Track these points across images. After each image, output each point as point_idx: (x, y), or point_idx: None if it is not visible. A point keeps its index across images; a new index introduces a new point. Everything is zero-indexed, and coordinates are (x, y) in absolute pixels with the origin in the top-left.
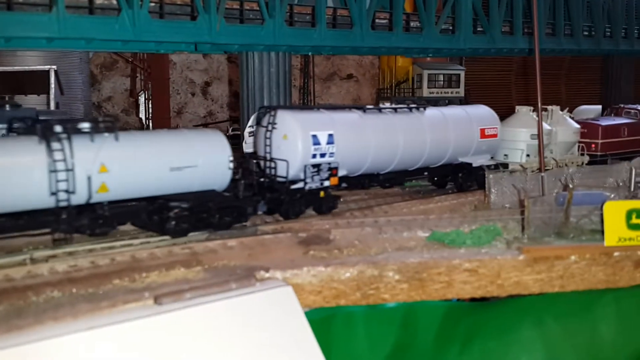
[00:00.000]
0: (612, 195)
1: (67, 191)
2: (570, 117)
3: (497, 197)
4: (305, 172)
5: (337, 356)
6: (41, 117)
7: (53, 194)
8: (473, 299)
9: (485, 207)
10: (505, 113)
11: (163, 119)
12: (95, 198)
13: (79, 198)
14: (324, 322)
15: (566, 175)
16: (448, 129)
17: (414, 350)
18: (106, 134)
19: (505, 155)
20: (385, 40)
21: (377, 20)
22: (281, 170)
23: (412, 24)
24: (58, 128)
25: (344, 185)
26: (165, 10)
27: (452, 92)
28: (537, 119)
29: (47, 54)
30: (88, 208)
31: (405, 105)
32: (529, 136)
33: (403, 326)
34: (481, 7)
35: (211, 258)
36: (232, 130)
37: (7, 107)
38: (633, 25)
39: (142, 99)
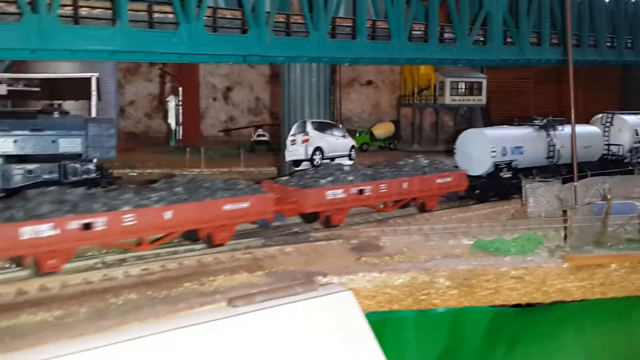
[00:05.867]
0: None
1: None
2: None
3: (534, 206)
4: None
5: (388, 359)
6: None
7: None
8: (517, 305)
9: (522, 216)
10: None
11: (193, 124)
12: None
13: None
14: (377, 326)
15: (599, 185)
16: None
17: (461, 354)
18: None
19: None
20: (420, 52)
21: (413, 32)
22: None
23: (445, 35)
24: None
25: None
26: (218, 24)
27: (473, 100)
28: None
29: (81, 61)
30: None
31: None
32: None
33: (451, 331)
34: (511, 19)
35: (271, 263)
36: (257, 136)
37: (56, 114)
38: None
39: (171, 104)
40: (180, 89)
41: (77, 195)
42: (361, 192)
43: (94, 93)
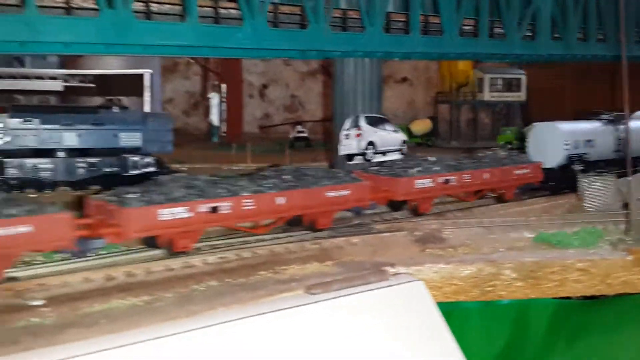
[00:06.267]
0: None
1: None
2: None
3: (590, 200)
4: None
5: None
6: None
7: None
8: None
9: (578, 210)
10: (560, 117)
11: (236, 120)
12: None
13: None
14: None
15: None
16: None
17: (525, 346)
18: None
19: None
20: (471, 47)
21: (463, 27)
22: None
23: (495, 30)
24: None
25: None
26: (280, 19)
27: (513, 96)
28: None
29: (128, 57)
30: None
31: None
32: None
33: (515, 323)
34: (559, 14)
35: (339, 253)
36: (297, 132)
37: (116, 109)
38: None
39: (214, 101)
40: (224, 85)
41: (203, 182)
42: (447, 181)
43: (146, 89)
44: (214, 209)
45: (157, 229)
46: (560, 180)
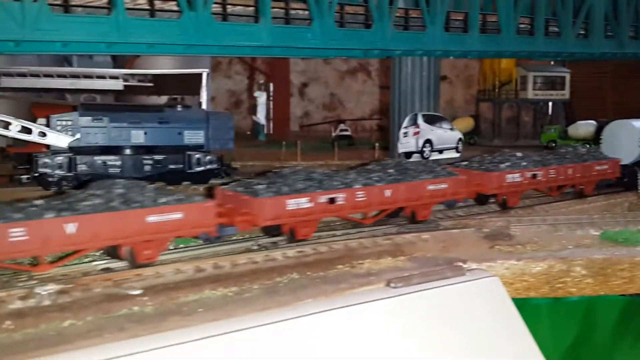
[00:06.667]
0: None
1: None
2: None
3: None
4: None
5: None
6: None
7: None
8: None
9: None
10: (600, 115)
11: (283, 119)
12: None
13: None
14: None
15: None
16: None
17: (593, 342)
18: None
19: None
20: (527, 45)
21: (520, 26)
22: None
23: (550, 28)
24: None
25: None
26: (345, 19)
27: (557, 95)
28: None
29: (180, 56)
30: None
31: None
32: None
33: (583, 319)
34: (611, 12)
35: (411, 249)
36: (340, 131)
37: (179, 107)
38: None
39: (261, 99)
40: (271, 84)
41: (319, 175)
42: (534, 176)
43: (204, 88)
44: (332, 200)
45: (284, 217)
46: (635, 177)
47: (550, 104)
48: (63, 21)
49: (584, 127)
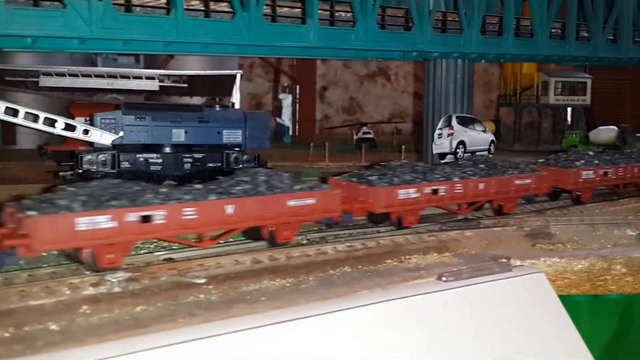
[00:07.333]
0: None
1: None
2: None
3: None
4: None
5: None
6: None
7: None
8: None
9: None
10: (621, 121)
11: (309, 121)
12: None
13: None
14: None
15: None
16: None
17: (631, 339)
18: None
19: None
20: (559, 49)
21: (552, 30)
22: None
23: (581, 33)
24: None
25: None
26: (386, 21)
27: (578, 100)
28: None
29: (209, 58)
30: None
31: None
32: None
33: (621, 316)
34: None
35: (455, 245)
36: (363, 134)
37: (217, 107)
38: None
39: (286, 102)
40: (297, 87)
41: (422, 167)
42: (606, 174)
43: (236, 89)
44: (435, 191)
45: (395, 206)
46: None
47: (569, 109)
48: (126, 20)
49: (606, 133)
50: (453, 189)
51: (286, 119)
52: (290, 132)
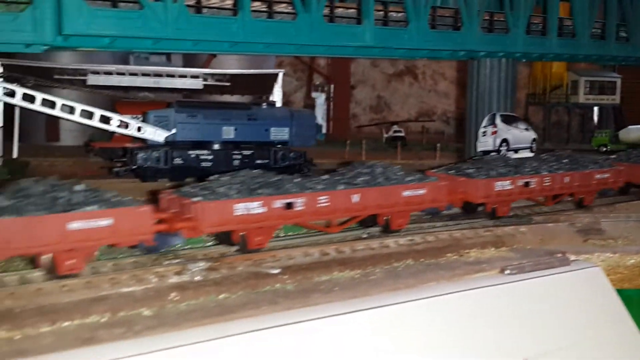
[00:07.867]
0: None
1: None
2: None
3: None
4: None
5: None
6: None
7: None
8: None
9: None
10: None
11: (343, 119)
12: None
13: None
14: None
15: None
16: None
17: None
18: None
19: None
20: (599, 49)
21: (592, 30)
22: None
23: (620, 34)
24: None
25: None
26: (437, 21)
27: (607, 99)
28: None
29: (247, 57)
30: None
31: None
32: None
33: None
34: None
35: (511, 240)
36: (394, 132)
37: (264, 105)
38: None
39: (320, 100)
40: (332, 85)
41: (514, 161)
42: None
43: (277, 88)
44: (527, 184)
45: (491, 197)
46: None
47: (595, 108)
48: (197, 21)
49: (635, 132)
50: (542, 182)
51: (319, 117)
52: (324, 130)
